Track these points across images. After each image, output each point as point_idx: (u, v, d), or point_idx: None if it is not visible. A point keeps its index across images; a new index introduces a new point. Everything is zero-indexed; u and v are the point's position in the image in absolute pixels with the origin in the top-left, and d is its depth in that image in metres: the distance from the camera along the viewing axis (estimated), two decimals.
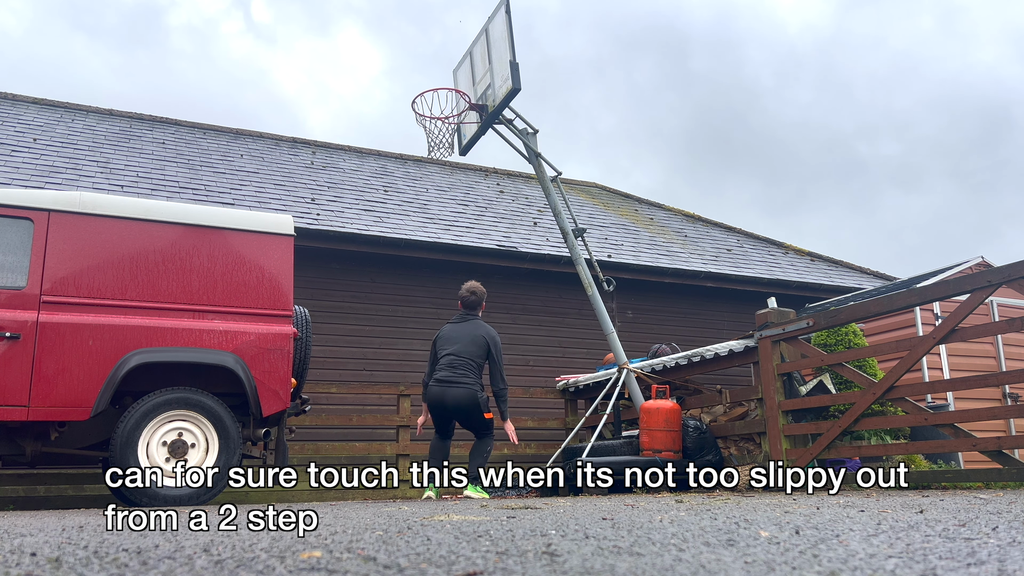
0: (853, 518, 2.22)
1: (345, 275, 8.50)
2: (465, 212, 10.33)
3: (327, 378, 7.85)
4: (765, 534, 1.75)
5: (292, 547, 1.63)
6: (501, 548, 1.55)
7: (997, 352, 7.98)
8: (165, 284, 4.79)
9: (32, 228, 4.58)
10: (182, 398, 4.58)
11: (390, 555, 1.47)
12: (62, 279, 4.56)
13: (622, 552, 1.48)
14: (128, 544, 1.76)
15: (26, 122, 10.00)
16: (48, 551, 1.65)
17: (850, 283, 11.05)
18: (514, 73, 6.51)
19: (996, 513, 2.33)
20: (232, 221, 5.07)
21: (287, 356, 4.93)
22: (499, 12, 6.82)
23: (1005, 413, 4.83)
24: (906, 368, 4.94)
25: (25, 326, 4.41)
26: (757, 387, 5.93)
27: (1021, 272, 4.45)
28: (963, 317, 4.66)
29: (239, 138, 11.77)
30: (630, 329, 9.52)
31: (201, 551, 1.60)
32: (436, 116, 7.14)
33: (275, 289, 5.05)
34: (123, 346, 4.56)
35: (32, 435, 4.58)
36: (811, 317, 5.61)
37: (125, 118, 11.41)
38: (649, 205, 13.95)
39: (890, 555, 1.39)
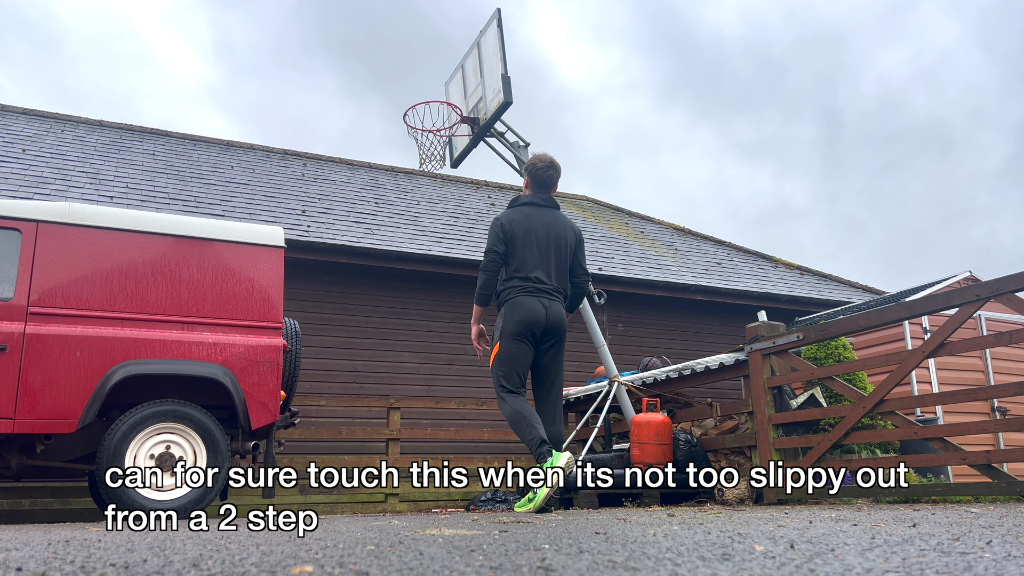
0: (847, 532, 2.22)
1: (335, 287, 8.48)
2: (456, 225, 10.33)
3: (317, 391, 7.81)
4: (760, 548, 1.74)
5: (283, 562, 1.61)
6: (495, 563, 1.54)
7: (986, 366, 8.02)
8: (154, 296, 4.76)
9: (20, 239, 4.54)
10: (170, 410, 4.54)
11: (383, 570, 1.46)
12: (50, 290, 4.52)
13: (617, 567, 1.47)
14: (115, 559, 1.74)
15: (15, 132, 9.95)
16: (34, 566, 1.62)
17: (839, 297, 11.11)
18: (506, 86, 6.54)
19: (989, 527, 2.33)
20: (222, 233, 5.05)
21: (276, 368, 4.90)
22: (491, 26, 6.85)
23: (994, 427, 4.85)
24: (896, 382, 4.95)
25: (12, 338, 4.36)
26: (747, 400, 5.93)
27: (1009, 286, 4.47)
28: (952, 331, 4.68)
29: (230, 149, 11.75)
30: (621, 342, 9.52)
31: (190, 566, 1.57)
32: (428, 129, 7.16)
33: (265, 301, 5.03)
34: (111, 358, 4.52)
35: (18, 448, 4.53)
36: (801, 330, 5.63)
37: (115, 129, 11.37)
38: (639, 218, 13.99)
39: (887, 570, 1.38)
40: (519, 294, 4.36)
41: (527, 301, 4.33)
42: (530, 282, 4.35)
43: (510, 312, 4.36)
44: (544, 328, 4.38)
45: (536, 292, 4.36)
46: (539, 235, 4.43)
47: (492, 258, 4.42)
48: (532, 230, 4.43)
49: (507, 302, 4.40)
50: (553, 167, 4.62)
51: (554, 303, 4.40)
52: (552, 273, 4.43)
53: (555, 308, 4.40)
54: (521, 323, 4.32)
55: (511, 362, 4.34)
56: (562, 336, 4.47)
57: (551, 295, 4.41)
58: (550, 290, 4.40)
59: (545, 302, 4.36)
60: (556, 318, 4.40)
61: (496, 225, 4.46)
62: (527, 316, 4.32)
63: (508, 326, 4.35)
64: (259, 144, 12.29)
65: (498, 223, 4.47)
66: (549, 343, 4.45)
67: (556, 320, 4.40)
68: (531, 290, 4.35)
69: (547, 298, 4.38)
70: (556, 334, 4.44)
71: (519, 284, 4.37)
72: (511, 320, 4.34)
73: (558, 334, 4.45)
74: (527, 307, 4.32)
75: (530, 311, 4.32)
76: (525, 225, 4.44)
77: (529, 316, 4.32)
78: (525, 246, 4.39)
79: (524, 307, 4.33)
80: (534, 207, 4.55)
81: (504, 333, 4.36)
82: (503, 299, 4.44)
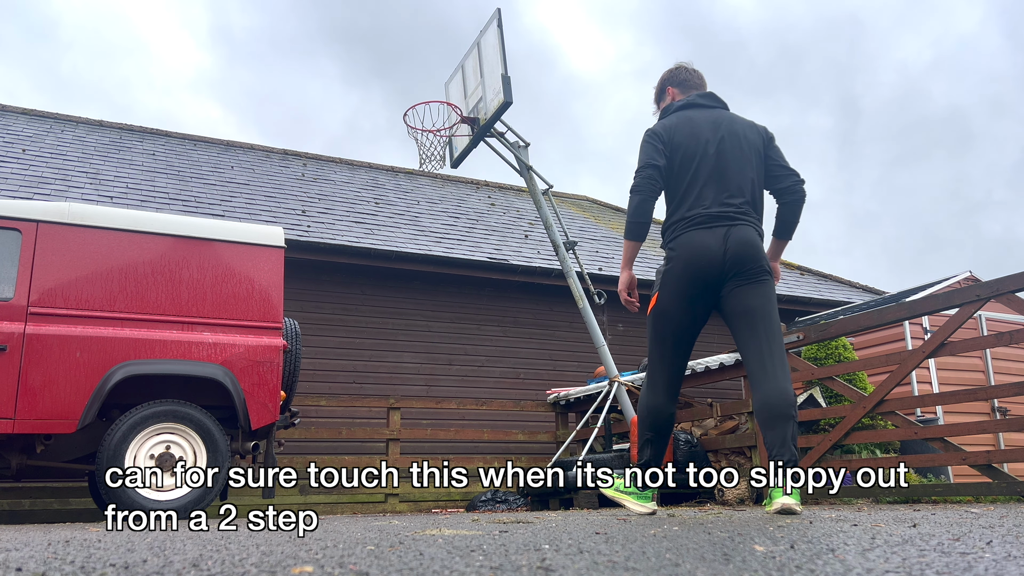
0: (847, 532, 2.22)
1: (335, 287, 8.47)
2: (456, 224, 10.33)
3: (317, 391, 7.81)
4: (760, 548, 1.74)
5: (283, 562, 1.61)
6: (495, 563, 1.54)
7: (986, 366, 8.02)
8: (154, 296, 4.76)
9: (20, 239, 4.54)
10: (170, 411, 4.54)
11: (383, 570, 1.46)
12: (50, 291, 4.52)
13: (618, 567, 1.47)
14: (115, 559, 1.74)
15: (15, 133, 9.95)
16: (34, 566, 1.62)
17: (839, 297, 11.10)
18: (506, 87, 6.53)
19: (989, 527, 2.33)
20: (222, 233, 5.05)
21: (276, 368, 4.90)
22: (491, 26, 6.85)
23: (994, 427, 4.85)
24: (896, 382, 4.95)
25: (12, 338, 4.36)
26: (747, 400, 5.93)
27: (1009, 286, 4.47)
28: (952, 331, 4.68)
29: (230, 149, 11.75)
30: (621, 342, 9.52)
31: (190, 566, 1.57)
32: (428, 129, 7.16)
33: (265, 301, 5.03)
34: (111, 358, 4.52)
35: (18, 448, 4.53)
36: (801, 331, 5.63)
37: (115, 129, 11.37)
38: None
39: (887, 570, 1.38)
40: (686, 228, 3.26)
41: (695, 237, 3.22)
42: (702, 206, 3.24)
43: (673, 256, 3.28)
44: (720, 269, 3.19)
45: (710, 221, 3.22)
46: (711, 142, 3.32)
47: (648, 174, 3.30)
48: (700, 137, 3.33)
49: (674, 240, 3.30)
50: (697, 72, 3.63)
51: (738, 228, 3.21)
52: (737, 189, 3.28)
53: (740, 234, 3.20)
54: (684, 271, 3.23)
55: (661, 331, 3.30)
56: (758, 272, 3.20)
57: (733, 220, 3.22)
58: (732, 213, 3.23)
59: (721, 232, 3.19)
60: (741, 248, 3.18)
61: (649, 135, 3.39)
62: (691, 258, 3.21)
63: (667, 278, 3.29)
64: (259, 144, 12.30)
65: (652, 132, 3.40)
66: (742, 283, 3.20)
67: (742, 251, 3.18)
68: (702, 220, 3.22)
69: (725, 225, 3.21)
70: (747, 271, 3.19)
71: (687, 216, 3.27)
72: (671, 271, 3.27)
73: (750, 270, 3.19)
74: (692, 246, 3.21)
75: (695, 251, 3.20)
76: (689, 132, 3.35)
77: (694, 258, 3.20)
78: (694, 159, 3.30)
79: (689, 247, 3.22)
80: (698, 108, 3.44)
81: (663, 283, 3.31)
82: (666, 240, 3.36)
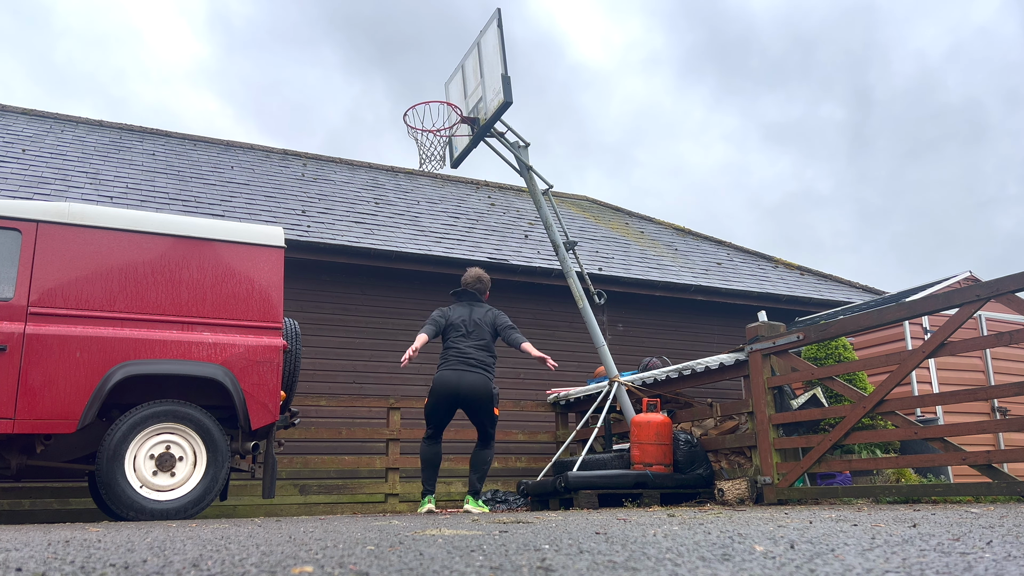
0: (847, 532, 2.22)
1: (335, 287, 8.47)
2: (456, 225, 10.33)
3: (317, 391, 7.81)
4: (760, 549, 1.74)
5: (283, 562, 1.61)
6: (495, 563, 1.54)
7: (986, 366, 8.01)
8: (154, 296, 4.76)
9: (20, 239, 4.54)
10: (170, 411, 4.54)
11: (383, 570, 1.46)
12: (50, 291, 4.52)
13: (617, 567, 1.47)
14: (115, 559, 1.74)
15: (15, 133, 9.95)
16: (34, 566, 1.62)
17: (839, 297, 11.10)
18: (506, 87, 6.53)
19: (989, 527, 2.33)
20: (222, 233, 5.05)
21: (276, 368, 4.90)
22: (491, 26, 6.85)
23: (994, 427, 4.85)
24: (896, 382, 4.94)
25: (12, 338, 4.36)
26: (748, 401, 5.92)
27: (1009, 286, 4.47)
28: (952, 331, 4.67)
29: (230, 149, 11.75)
30: (621, 342, 9.51)
31: (190, 566, 1.57)
32: (428, 129, 7.16)
33: (265, 301, 5.03)
34: (111, 358, 4.52)
35: (17, 448, 4.53)
36: (801, 331, 5.62)
37: (115, 129, 11.37)
38: (639, 218, 13.99)
39: (887, 570, 1.38)
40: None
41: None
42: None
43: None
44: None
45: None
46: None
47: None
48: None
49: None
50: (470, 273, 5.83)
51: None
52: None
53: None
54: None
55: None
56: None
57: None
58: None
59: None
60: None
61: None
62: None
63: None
64: (259, 144, 12.29)
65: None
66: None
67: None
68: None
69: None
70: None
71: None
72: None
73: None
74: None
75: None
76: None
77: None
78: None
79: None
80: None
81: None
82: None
